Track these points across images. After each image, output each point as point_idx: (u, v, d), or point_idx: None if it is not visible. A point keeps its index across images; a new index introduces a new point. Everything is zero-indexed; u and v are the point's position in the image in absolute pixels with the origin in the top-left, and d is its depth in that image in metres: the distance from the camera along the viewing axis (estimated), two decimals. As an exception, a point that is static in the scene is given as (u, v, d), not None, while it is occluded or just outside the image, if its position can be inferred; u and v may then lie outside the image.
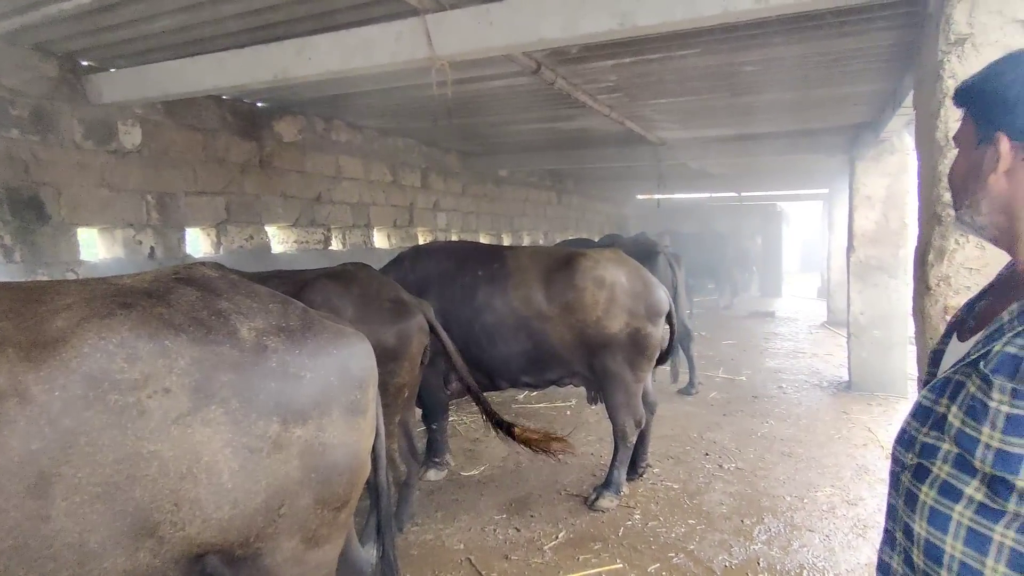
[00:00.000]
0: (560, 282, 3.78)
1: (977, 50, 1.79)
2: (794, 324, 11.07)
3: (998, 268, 1.88)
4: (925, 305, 1.93)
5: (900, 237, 5.84)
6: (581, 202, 12.42)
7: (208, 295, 1.42)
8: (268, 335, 1.43)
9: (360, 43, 2.91)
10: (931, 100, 1.92)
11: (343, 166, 6.01)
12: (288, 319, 1.49)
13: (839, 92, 4.72)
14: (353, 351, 1.54)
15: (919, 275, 2.05)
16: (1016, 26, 1.74)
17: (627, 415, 3.82)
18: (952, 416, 0.90)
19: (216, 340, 1.34)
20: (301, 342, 1.46)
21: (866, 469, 4.30)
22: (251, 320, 1.43)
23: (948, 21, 1.82)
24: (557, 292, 3.77)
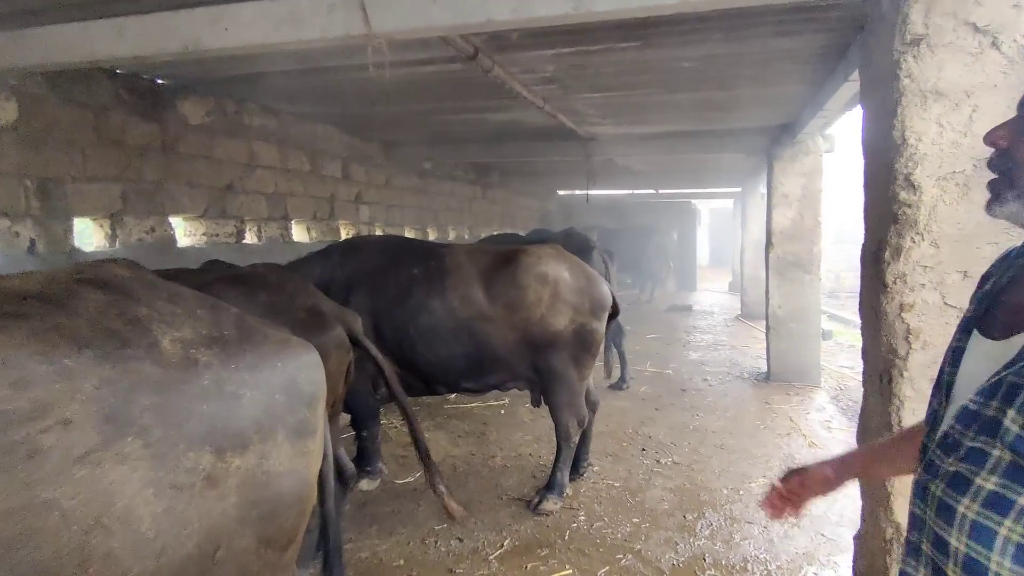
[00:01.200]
0: (502, 280, 3.62)
1: (932, 51, 1.81)
2: (711, 317, 11.55)
3: (952, 266, 1.94)
4: (881, 303, 1.95)
5: (814, 234, 6.16)
6: (506, 196, 12.33)
7: (121, 300, 1.15)
8: (198, 347, 1.18)
9: (288, 15, 2.61)
10: (887, 99, 1.94)
11: (257, 152, 5.55)
12: (221, 327, 1.25)
13: (766, 93, 4.87)
14: (300, 363, 1.32)
15: (871, 273, 2.08)
16: (968, 28, 1.78)
17: (570, 415, 3.73)
18: (1009, 421, 0.83)
19: (132, 356, 1.09)
20: (238, 354, 1.22)
21: (792, 458, 4.48)
22: (176, 329, 1.18)
23: (904, 22, 1.83)
24: (499, 291, 3.61)
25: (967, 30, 1.76)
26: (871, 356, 2.15)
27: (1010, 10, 1.72)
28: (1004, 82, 1.74)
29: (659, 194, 15.14)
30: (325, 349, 2.75)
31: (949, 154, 1.80)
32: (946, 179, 1.81)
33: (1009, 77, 1.74)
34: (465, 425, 5.33)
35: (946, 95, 1.79)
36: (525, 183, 13.04)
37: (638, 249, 13.59)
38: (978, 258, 1.80)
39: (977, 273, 1.90)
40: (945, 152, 1.80)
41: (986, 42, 1.75)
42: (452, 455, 4.68)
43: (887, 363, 1.97)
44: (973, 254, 1.81)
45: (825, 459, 1.40)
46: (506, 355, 3.66)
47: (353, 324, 2.99)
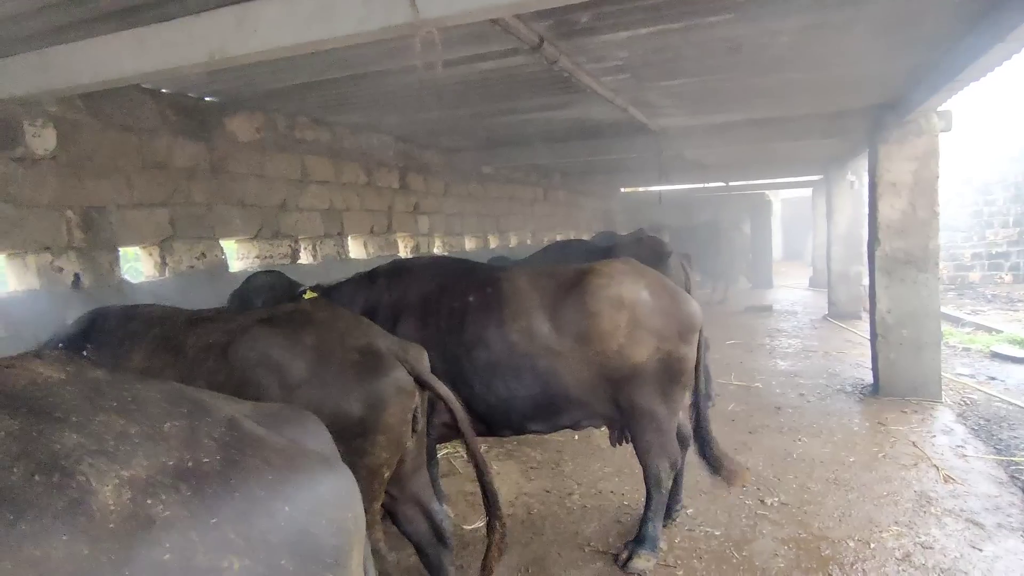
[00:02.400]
0: (569, 308, 3.06)
1: None
2: (795, 318, 10.62)
3: None
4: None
5: (930, 228, 5.33)
6: (568, 197, 11.81)
7: (34, 426, 0.75)
8: (157, 493, 0.77)
9: (318, 8, 2.23)
10: None
11: (310, 167, 5.29)
12: (198, 450, 0.83)
13: (873, 68, 4.16)
14: (318, 501, 0.89)
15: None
16: None
17: (661, 457, 3.17)
18: None
19: (41, 529, 0.68)
20: (221, 498, 0.80)
21: (927, 498, 3.76)
22: (124, 464, 0.77)
23: None
24: (567, 320, 3.05)
25: None
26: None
27: None
28: None
29: (729, 187, 14.18)
30: (382, 396, 2.30)
31: None
32: None
33: None
34: (537, 454, 4.87)
35: None
36: (587, 182, 12.48)
37: (709, 246, 12.74)
38: None
39: None
40: None
41: None
42: (525, 492, 4.22)
43: None
44: None
45: None
46: (580, 394, 3.13)
47: (418, 362, 2.53)
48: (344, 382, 2.24)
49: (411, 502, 2.65)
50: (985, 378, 6.50)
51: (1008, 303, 11.02)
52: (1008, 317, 9.75)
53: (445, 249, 7.45)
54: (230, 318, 2.41)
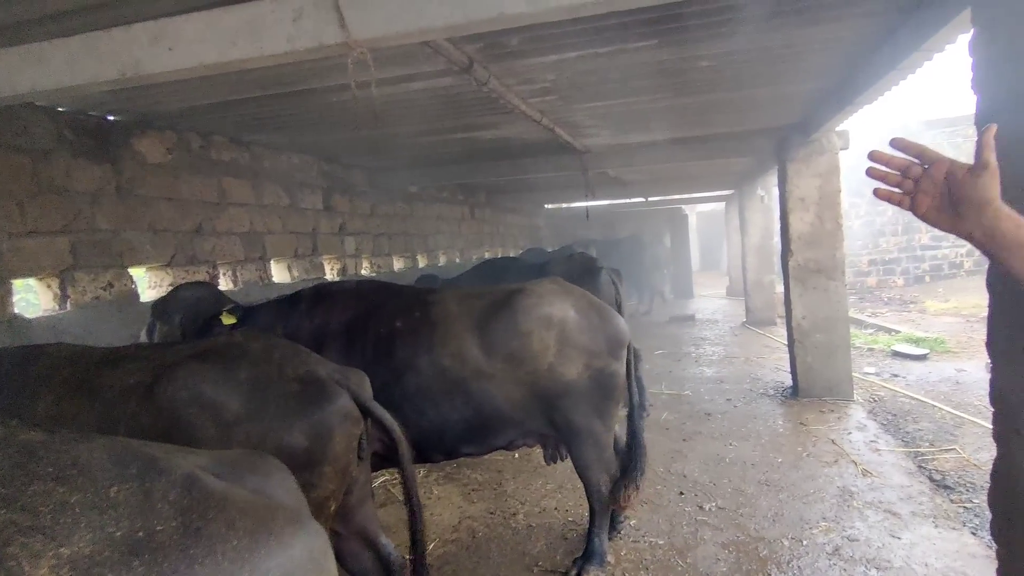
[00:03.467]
0: (499, 329, 3.04)
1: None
2: (716, 326, 11.12)
3: None
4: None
5: (836, 238, 5.75)
6: (494, 215, 11.87)
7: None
8: (102, 574, 0.66)
9: (243, 25, 2.12)
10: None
11: (228, 189, 5.03)
12: (153, 517, 0.74)
13: (783, 91, 4.46)
14: (294, 569, 0.80)
15: (1016, 299, 1.61)
16: None
17: (600, 471, 3.19)
18: None
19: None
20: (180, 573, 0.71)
21: (849, 492, 4.00)
22: (63, 541, 0.67)
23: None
24: (496, 342, 3.03)
25: None
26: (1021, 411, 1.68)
27: None
28: None
29: (649, 202, 14.75)
30: (327, 425, 2.18)
31: None
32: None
33: None
34: (478, 475, 4.79)
35: None
36: (513, 200, 12.61)
37: (633, 260, 13.16)
38: None
39: None
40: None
41: None
42: (468, 515, 4.14)
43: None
44: None
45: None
46: (513, 414, 3.11)
47: (361, 388, 2.44)
48: (285, 414, 2.12)
49: (357, 536, 2.54)
50: (889, 376, 7.04)
51: (902, 305, 12.04)
52: (903, 318, 10.65)
53: (373, 270, 7.28)
54: (153, 354, 2.22)
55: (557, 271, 6.09)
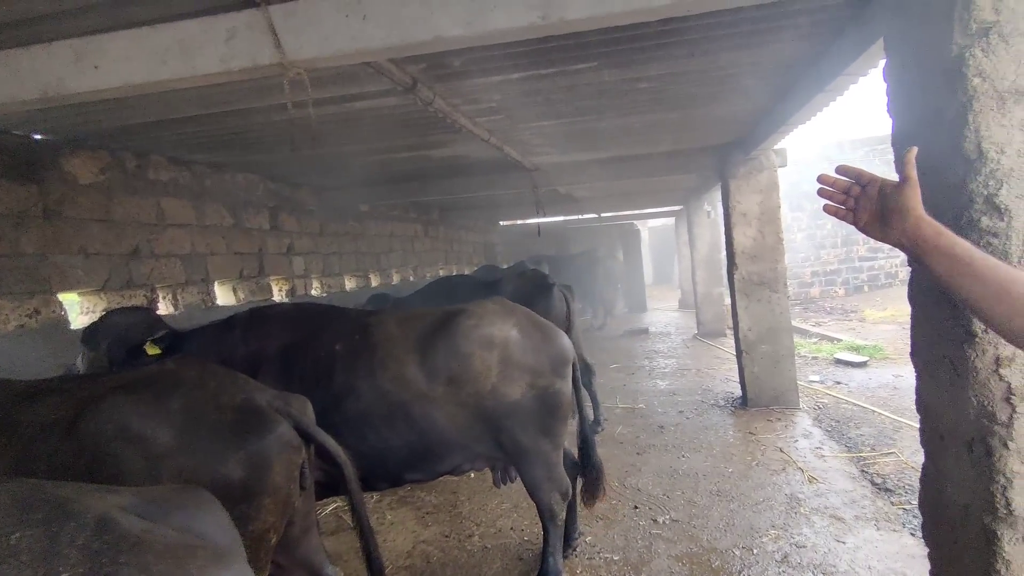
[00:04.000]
0: (440, 351, 3.00)
1: (1006, 42, 1.46)
2: (669, 339, 11.33)
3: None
4: (967, 355, 1.56)
5: (777, 252, 5.95)
6: (448, 233, 11.84)
7: None
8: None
9: (174, 44, 2.06)
10: (946, 105, 1.58)
11: (167, 210, 4.85)
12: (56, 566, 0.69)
13: (722, 110, 4.62)
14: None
15: (943, 315, 1.68)
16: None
17: (551, 491, 3.17)
18: None
19: None
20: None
21: (796, 499, 4.10)
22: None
23: (968, 7, 1.48)
24: (438, 364, 2.98)
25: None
26: (945, 417, 1.75)
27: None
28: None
29: (601, 218, 15.01)
30: (266, 454, 2.12)
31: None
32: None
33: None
34: (433, 497, 4.71)
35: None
36: (467, 217, 12.61)
37: (587, 275, 13.33)
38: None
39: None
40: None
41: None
42: (422, 539, 4.05)
43: (981, 429, 1.57)
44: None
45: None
46: (457, 438, 3.05)
47: (302, 414, 2.38)
48: (220, 445, 2.05)
49: (301, 568, 2.45)
50: (832, 383, 7.30)
51: (843, 314, 12.54)
52: (844, 326, 11.08)
53: (324, 290, 7.13)
54: (76, 387, 2.10)
55: (509, 288, 6.10)
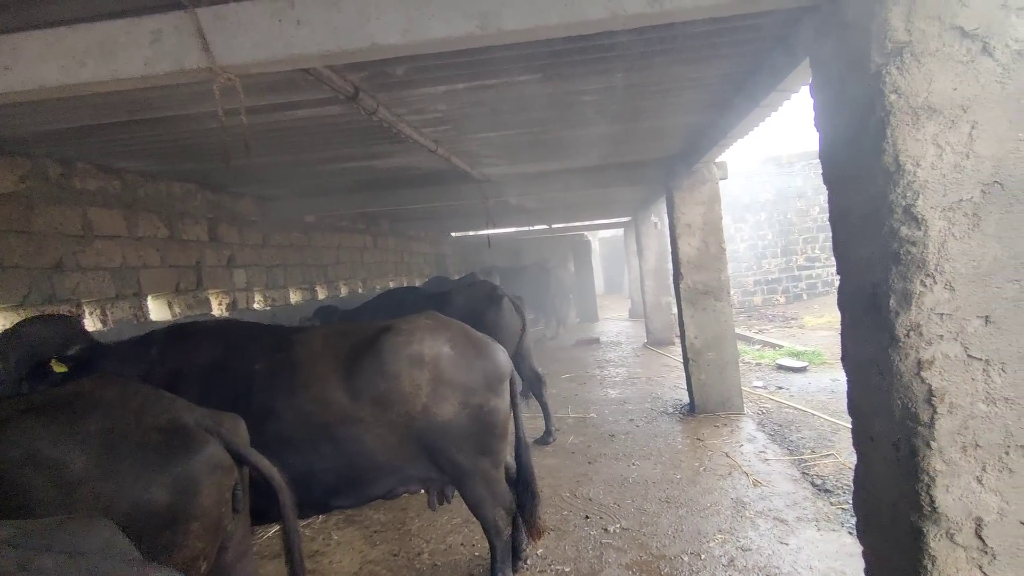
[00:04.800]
0: (367, 370, 2.86)
1: (918, 60, 1.54)
2: (619, 348, 11.48)
3: (972, 311, 1.66)
4: (891, 359, 1.62)
5: (720, 261, 6.12)
6: (398, 244, 11.70)
7: None
8: None
9: (94, 45, 1.95)
10: (866, 119, 1.64)
11: (95, 221, 4.60)
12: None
13: (665, 124, 4.73)
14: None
15: (869, 322, 1.75)
16: (955, 33, 1.53)
17: (494, 507, 3.11)
18: None
19: None
20: None
21: (742, 503, 4.18)
22: None
23: (884, 27, 1.55)
24: (364, 384, 2.84)
25: (954, 35, 1.51)
26: (873, 420, 1.81)
27: (998, 11, 1.48)
28: (1002, 93, 1.50)
29: (552, 229, 15.15)
30: (193, 477, 2.02)
31: (953, 180, 1.52)
32: (953, 209, 1.52)
33: (1007, 87, 1.50)
34: (381, 515, 4.58)
35: (940, 111, 1.52)
36: (418, 228, 12.50)
37: (539, 286, 13.40)
38: (999, 300, 1.52)
39: (1001, 318, 1.65)
40: (948, 178, 1.52)
41: (976, 48, 1.50)
42: (370, 560, 3.93)
43: (905, 431, 1.63)
44: (993, 295, 1.52)
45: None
46: (389, 461, 2.92)
47: (235, 434, 2.28)
48: (143, 469, 1.94)
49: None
50: (775, 388, 7.53)
51: (784, 321, 13.01)
52: (785, 333, 11.50)
53: (267, 303, 6.90)
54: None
55: (459, 300, 6.05)
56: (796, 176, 14.54)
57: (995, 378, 1.52)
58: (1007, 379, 1.52)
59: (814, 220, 14.46)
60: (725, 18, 2.49)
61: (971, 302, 1.52)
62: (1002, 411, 1.53)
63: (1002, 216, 1.50)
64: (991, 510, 1.55)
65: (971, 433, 1.54)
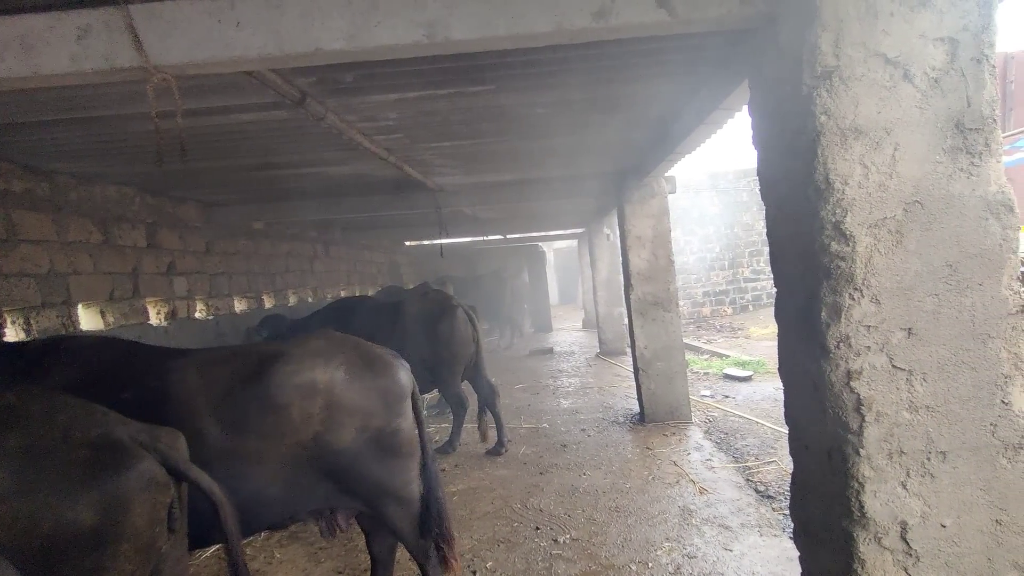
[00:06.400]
0: (252, 405, 2.64)
1: (846, 84, 1.61)
2: (573, 358, 11.57)
3: (896, 323, 1.74)
4: (823, 370, 1.68)
5: (668, 273, 6.26)
6: (350, 252, 11.49)
7: None
8: None
9: (14, 40, 1.84)
10: (798, 139, 1.71)
11: (19, 224, 4.33)
12: None
13: (615, 138, 4.82)
14: None
15: (802, 334, 1.81)
16: (878, 60, 1.61)
17: (413, 527, 2.99)
18: None
19: None
20: None
21: (688, 511, 4.25)
22: None
23: (814, 51, 1.62)
24: (251, 420, 2.63)
25: (878, 61, 1.59)
26: (808, 428, 1.87)
27: (917, 40, 1.57)
28: (921, 117, 1.59)
29: (507, 239, 15.20)
30: (123, 495, 1.90)
31: (878, 198, 1.59)
32: (878, 226, 1.60)
33: (925, 112, 1.58)
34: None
35: (866, 133, 1.60)
36: (371, 236, 12.31)
37: (494, 296, 13.40)
38: (920, 312, 1.60)
39: (922, 330, 1.73)
40: (873, 196, 1.59)
41: (898, 74, 1.59)
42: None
43: (836, 439, 1.69)
44: (915, 308, 1.60)
45: None
46: (278, 493, 2.71)
47: (172, 449, 2.16)
48: (66, 486, 1.83)
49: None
50: (721, 397, 7.72)
51: (731, 332, 13.40)
52: (732, 343, 11.83)
53: (210, 312, 6.65)
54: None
55: (412, 309, 5.98)
56: (742, 192, 15.07)
57: (917, 387, 1.60)
58: (928, 388, 1.59)
59: (759, 234, 14.98)
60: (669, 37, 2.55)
61: (895, 315, 1.60)
62: (924, 419, 1.60)
63: (922, 233, 1.58)
64: (915, 514, 1.61)
65: (896, 440, 1.61)
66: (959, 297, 1.59)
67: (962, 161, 1.59)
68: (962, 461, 1.61)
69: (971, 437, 1.61)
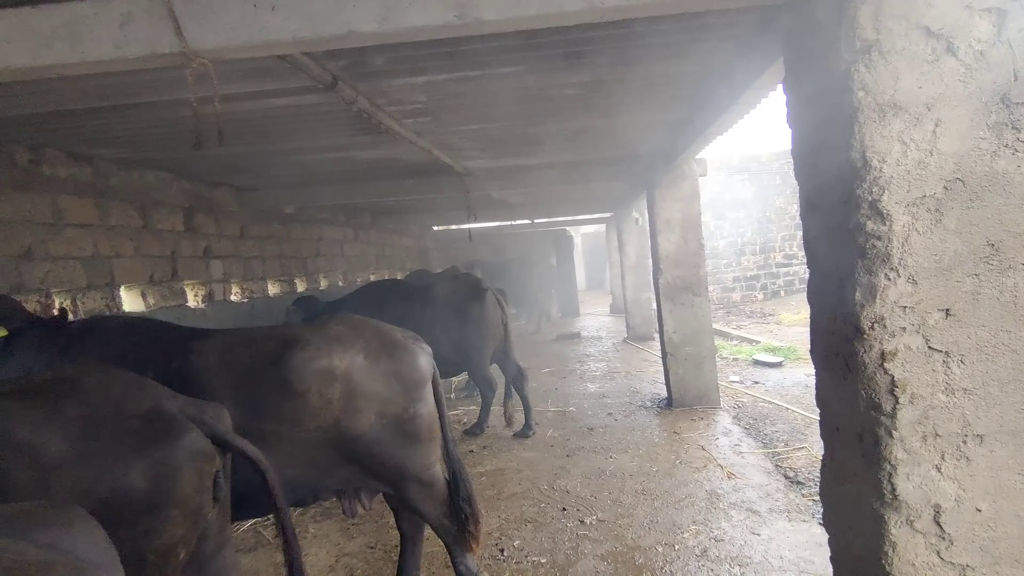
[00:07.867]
0: (270, 390, 2.67)
1: (885, 58, 1.57)
2: (600, 343, 11.55)
3: (933, 304, 1.70)
4: (856, 351, 1.66)
5: (698, 257, 6.18)
6: (379, 237, 11.62)
7: None
8: None
9: (61, 27, 1.91)
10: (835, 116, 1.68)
11: (66, 209, 4.50)
12: None
13: (647, 119, 4.75)
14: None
15: (835, 314, 1.78)
16: (920, 33, 1.56)
17: (436, 506, 3.01)
18: None
19: None
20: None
21: (716, 495, 4.25)
22: None
23: (852, 25, 1.58)
24: (269, 405, 2.66)
25: (920, 34, 1.54)
26: (840, 410, 1.85)
27: (962, 11, 1.52)
28: (964, 92, 1.54)
29: (535, 224, 15.16)
30: (172, 463, 2.01)
31: (917, 176, 1.55)
32: (916, 205, 1.56)
33: (968, 86, 1.53)
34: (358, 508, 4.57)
35: (905, 109, 1.56)
36: (399, 221, 12.42)
37: (521, 280, 13.41)
38: (959, 293, 1.56)
39: (960, 311, 1.70)
40: (912, 174, 1.55)
41: (940, 47, 1.54)
42: (346, 552, 3.93)
43: (869, 421, 1.67)
44: (953, 289, 1.56)
45: None
46: (298, 476, 2.75)
47: (218, 420, 2.26)
48: (122, 454, 1.95)
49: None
50: (751, 383, 7.64)
51: (762, 317, 13.20)
52: (762, 329, 11.66)
53: (244, 295, 6.82)
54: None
55: (442, 293, 6.05)
56: (775, 174, 14.73)
57: (954, 369, 1.57)
58: (965, 370, 1.56)
59: (792, 218, 14.65)
60: (702, 14, 2.51)
61: (932, 295, 1.56)
62: (960, 401, 1.57)
63: (963, 212, 1.54)
64: (949, 497, 1.59)
65: (931, 423, 1.58)
66: (1001, 277, 1.54)
67: (1008, 137, 1.54)
68: (1000, 445, 1.58)
69: (1010, 421, 1.58)
